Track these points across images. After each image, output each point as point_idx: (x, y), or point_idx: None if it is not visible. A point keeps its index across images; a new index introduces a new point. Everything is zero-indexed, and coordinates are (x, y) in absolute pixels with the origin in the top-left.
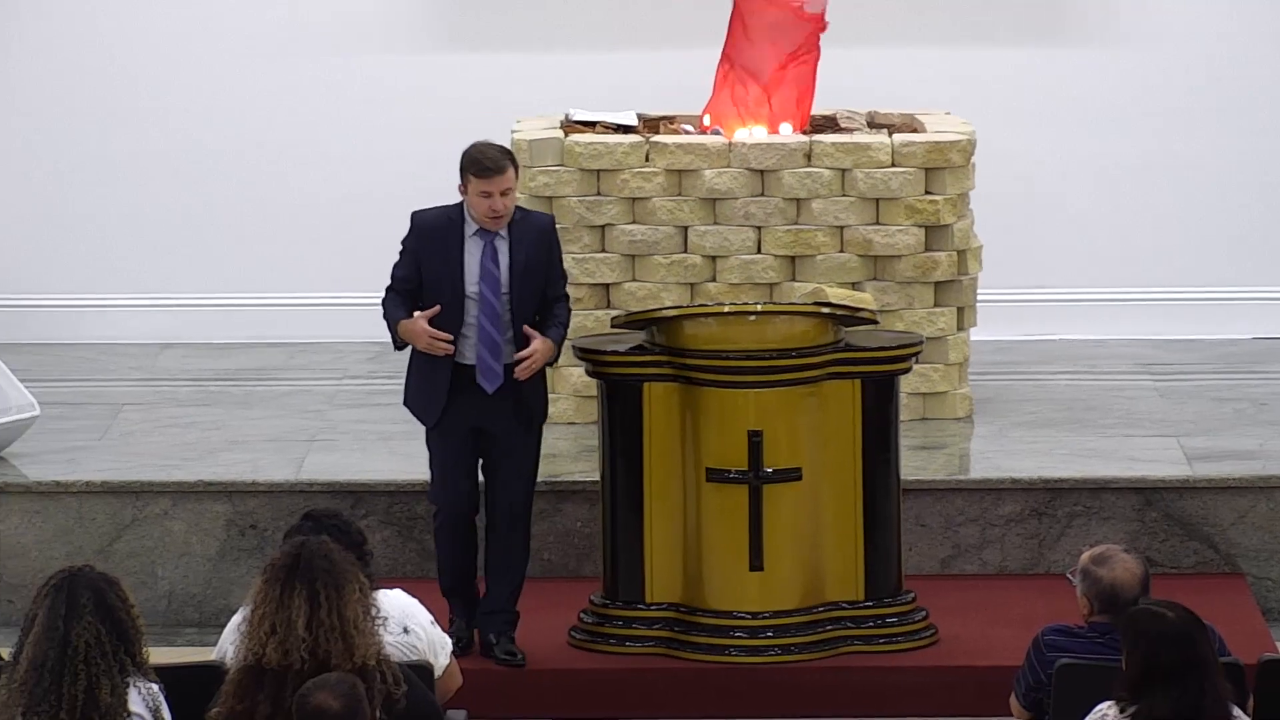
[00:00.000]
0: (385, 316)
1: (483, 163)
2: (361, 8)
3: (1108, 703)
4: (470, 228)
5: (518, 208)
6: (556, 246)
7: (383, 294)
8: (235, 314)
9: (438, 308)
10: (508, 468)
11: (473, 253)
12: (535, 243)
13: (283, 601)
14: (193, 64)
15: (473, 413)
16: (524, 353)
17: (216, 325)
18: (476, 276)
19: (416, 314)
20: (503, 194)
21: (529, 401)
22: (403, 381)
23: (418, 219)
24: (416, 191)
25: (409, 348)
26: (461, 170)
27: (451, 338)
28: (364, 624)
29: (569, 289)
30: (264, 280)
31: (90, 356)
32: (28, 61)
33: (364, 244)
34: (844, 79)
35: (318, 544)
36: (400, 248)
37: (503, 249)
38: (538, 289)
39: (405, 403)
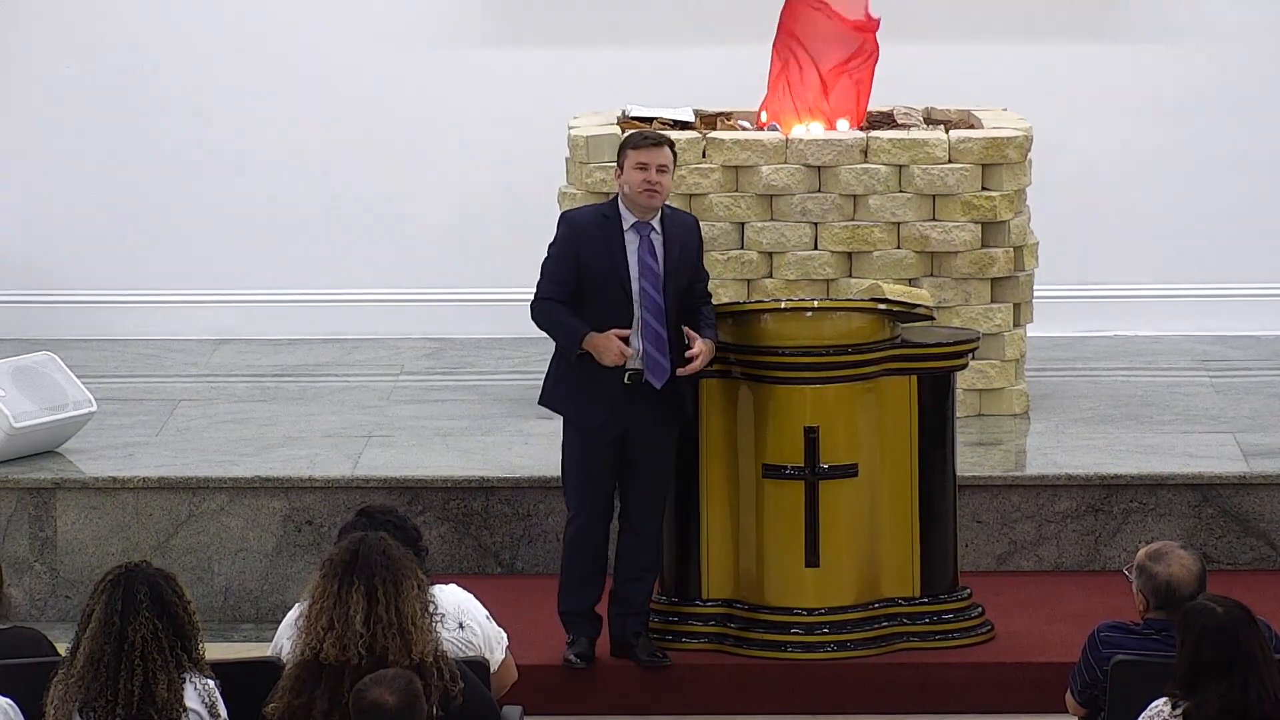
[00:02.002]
0: (553, 324)
1: (642, 134)
2: (419, 4)
3: (1162, 699)
4: (627, 220)
5: (665, 205)
6: (701, 244)
7: (534, 306)
8: (291, 310)
9: (628, 332)
10: (653, 466)
11: (630, 247)
12: (685, 239)
13: (341, 597)
14: (245, 60)
15: (626, 417)
16: (692, 352)
17: (272, 321)
18: (637, 272)
19: (611, 332)
20: (659, 169)
21: (684, 399)
22: (462, 378)
23: (573, 217)
24: (474, 187)
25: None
26: (620, 150)
27: (629, 346)
28: (422, 620)
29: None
30: (321, 276)
31: (146, 353)
32: (79, 58)
33: (421, 240)
34: (900, 75)
35: (376, 540)
36: (552, 252)
37: (658, 243)
38: (685, 287)
39: (545, 402)
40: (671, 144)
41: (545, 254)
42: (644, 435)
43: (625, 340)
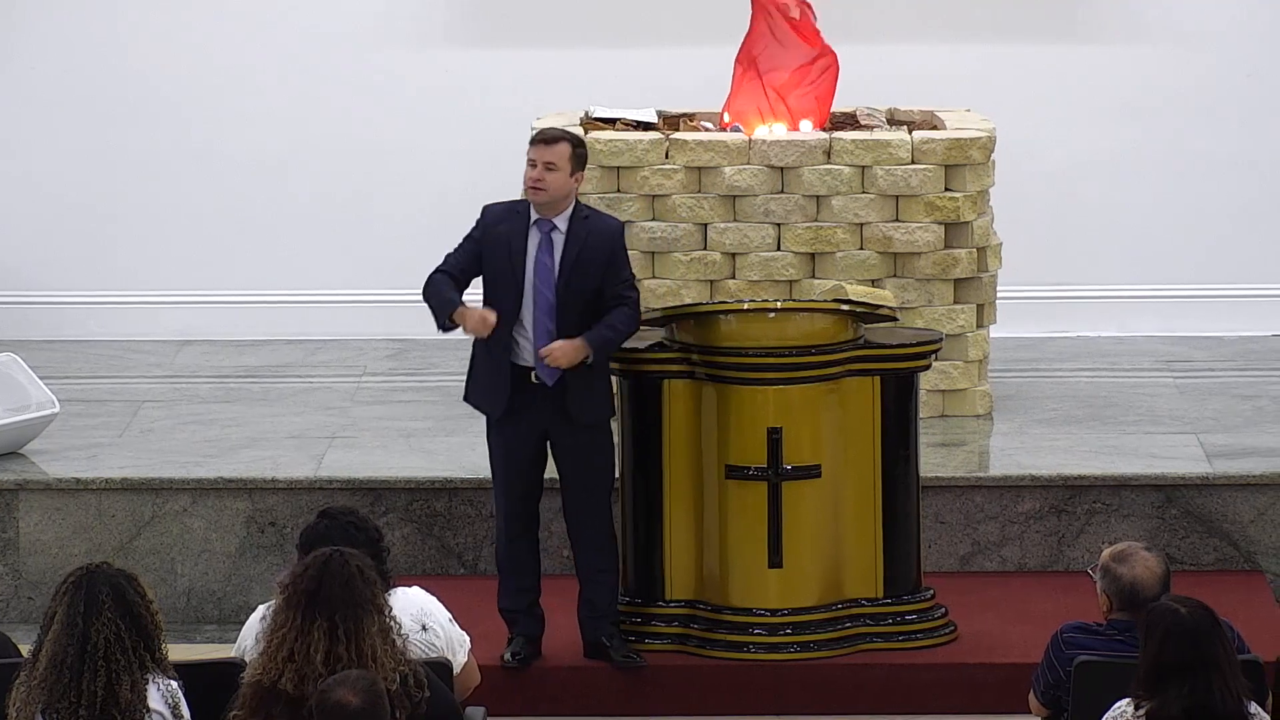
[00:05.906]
0: (432, 295)
1: (542, 130)
2: (382, 5)
3: (1126, 700)
4: (533, 216)
5: (588, 207)
6: (620, 251)
7: (428, 277)
8: (255, 311)
9: (493, 317)
10: (578, 470)
11: (531, 243)
12: (595, 244)
13: (303, 630)
14: (210, 62)
15: (535, 414)
16: (544, 349)
17: (236, 322)
18: (531, 268)
19: (477, 307)
20: (546, 166)
21: (579, 398)
22: (426, 379)
23: (487, 210)
24: (437, 188)
25: (449, 334)
26: None
27: (495, 315)
28: (382, 652)
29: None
30: (284, 277)
31: (110, 354)
32: (50, 59)
33: (384, 241)
34: (864, 76)
35: (339, 565)
36: (463, 237)
37: (558, 242)
38: (589, 290)
39: (466, 398)
40: (573, 141)
41: None
42: (562, 439)
43: (505, 337)
